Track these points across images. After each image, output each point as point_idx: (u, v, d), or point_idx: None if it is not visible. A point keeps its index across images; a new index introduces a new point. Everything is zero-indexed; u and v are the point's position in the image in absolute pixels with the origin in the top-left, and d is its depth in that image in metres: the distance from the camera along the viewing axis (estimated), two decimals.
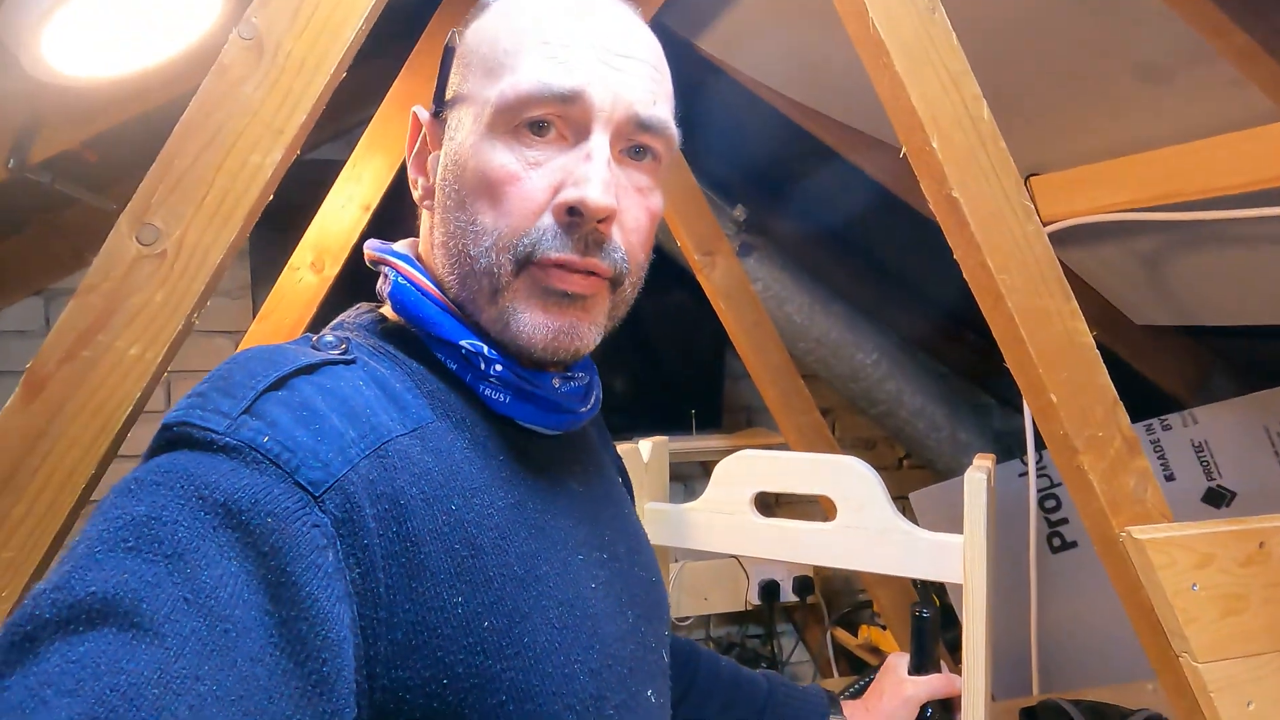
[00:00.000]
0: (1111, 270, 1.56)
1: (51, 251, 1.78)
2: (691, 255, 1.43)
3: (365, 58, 0.60)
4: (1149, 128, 1.15)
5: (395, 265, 0.56)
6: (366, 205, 1.28)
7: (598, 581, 0.55)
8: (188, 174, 0.54)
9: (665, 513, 1.13)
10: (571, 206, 0.50)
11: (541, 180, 0.51)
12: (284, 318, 1.23)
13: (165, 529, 0.37)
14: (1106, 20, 0.98)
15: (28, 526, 0.54)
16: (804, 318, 1.87)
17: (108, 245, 0.54)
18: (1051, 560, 1.77)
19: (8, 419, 0.53)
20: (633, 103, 0.52)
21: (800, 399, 1.50)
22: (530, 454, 0.55)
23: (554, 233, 0.51)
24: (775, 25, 1.29)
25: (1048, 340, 0.71)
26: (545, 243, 0.51)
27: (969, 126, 0.69)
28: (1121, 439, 0.73)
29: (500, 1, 0.56)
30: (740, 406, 2.35)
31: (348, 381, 0.48)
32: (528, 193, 0.51)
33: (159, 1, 0.96)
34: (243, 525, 0.39)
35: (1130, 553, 0.72)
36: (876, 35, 0.67)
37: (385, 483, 0.44)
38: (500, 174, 0.51)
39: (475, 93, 0.53)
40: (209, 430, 0.41)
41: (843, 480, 1.00)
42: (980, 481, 0.89)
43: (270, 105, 0.56)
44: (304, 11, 0.56)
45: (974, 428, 2.09)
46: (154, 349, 0.55)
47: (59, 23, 0.86)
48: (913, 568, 0.95)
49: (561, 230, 0.51)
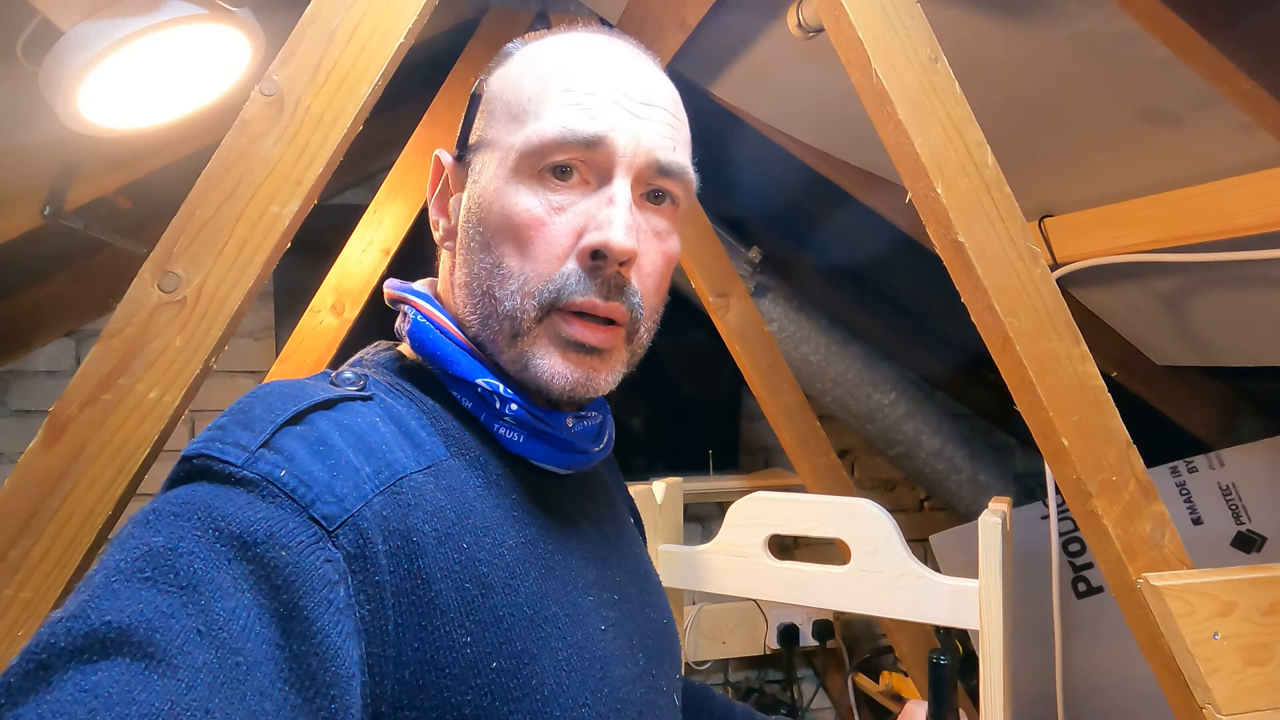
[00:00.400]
0: (1131, 311, 1.55)
1: (83, 294, 1.83)
2: (706, 297, 1.44)
3: (387, 107, 0.63)
4: (1160, 171, 1.15)
5: (415, 304, 0.57)
6: (386, 249, 1.31)
7: (608, 623, 0.55)
8: (209, 224, 0.56)
9: (679, 555, 1.13)
10: (595, 250, 0.52)
11: (565, 225, 0.52)
12: (304, 359, 1.25)
13: (181, 560, 0.38)
14: (1115, 67, 0.99)
15: (45, 567, 0.55)
16: (820, 358, 1.87)
17: (131, 292, 0.56)
18: (1077, 606, 1.73)
19: (30, 461, 0.54)
20: (653, 149, 0.53)
21: (816, 440, 1.49)
22: (542, 493, 0.56)
23: (578, 277, 0.52)
24: (785, 72, 1.31)
25: (1058, 383, 0.71)
26: (570, 288, 0.52)
27: (973, 172, 0.70)
28: (1136, 483, 0.72)
29: (524, 49, 0.58)
30: (758, 447, 2.34)
31: (364, 418, 0.49)
32: (552, 238, 0.52)
33: (190, 57, 1.00)
34: (257, 558, 0.39)
35: (1148, 600, 0.70)
36: (879, 85, 0.68)
37: (398, 519, 0.45)
38: (525, 218, 0.52)
39: (499, 138, 0.55)
40: (227, 463, 0.42)
41: (856, 523, 0.99)
42: (995, 525, 0.88)
43: (289, 158, 0.58)
44: (323, 69, 0.59)
45: (995, 469, 2.06)
46: (172, 392, 0.56)
47: (96, 77, 0.90)
48: (928, 613, 0.94)
49: (585, 274, 0.52)
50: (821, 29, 1.02)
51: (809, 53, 1.18)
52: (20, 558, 0.54)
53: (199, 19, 0.91)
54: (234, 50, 1.03)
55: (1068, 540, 1.74)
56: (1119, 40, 0.92)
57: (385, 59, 0.60)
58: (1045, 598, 1.49)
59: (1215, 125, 0.99)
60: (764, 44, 1.26)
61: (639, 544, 0.71)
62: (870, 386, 1.90)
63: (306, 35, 0.59)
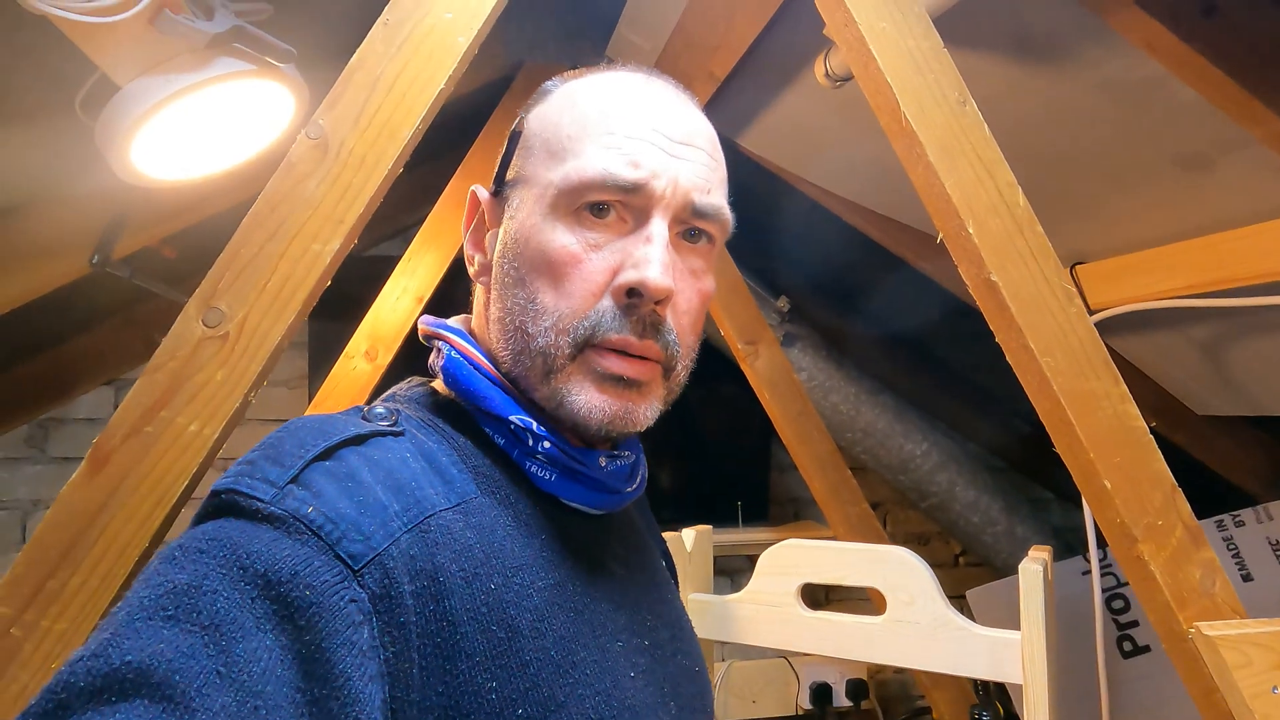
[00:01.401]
0: (1169, 359, 1.53)
1: (124, 343, 1.88)
2: (735, 344, 1.45)
3: (421, 161, 0.64)
4: (1192, 216, 1.15)
5: (449, 340, 0.57)
6: (420, 297, 1.34)
7: (637, 670, 0.54)
8: (253, 261, 0.58)
9: (709, 604, 1.11)
10: (631, 288, 0.51)
11: (601, 262, 0.52)
12: (338, 404, 1.27)
13: (205, 598, 0.38)
14: (1144, 112, 0.99)
15: (81, 599, 0.55)
16: (850, 407, 1.85)
17: (176, 327, 0.57)
18: (1123, 666, 1.67)
19: (72, 492, 0.55)
20: (690, 190, 0.54)
21: (848, 490, 1.47)
22: (572, 534, 0.55)
23: (613, 314, 0.52)
24: (811, 122, 1.34)
25: (1098, 424, 0.70)
26: (604, 325, 0.52)
27: (1004, 212, 0.70)
28: (1183, 528, 0.70)
29: (564, 87, 0.58)
30: (788, 498, 2.31)
31: (395, 454, 0.48)
32: (588, 274, 0.52)
33: (237, 111, 1.04)
34: (281, 597, 0.39)
35: (1201, 651, 0.68)
36: (909, 127, 0.69)
37: (425, 558, 0.44)
38: (562, 254, 0.52)
39: (537, 174, 0.55)
40: (255, 498, 0.42)
41: (892, 572, 0.97)
42: (1037, 574, 0.86)
43: (332, 198, 0.60)
44: (366, 114, 0.61)
45: (1033, 522, 2.01)
46: (211, 425, 0.57)
47: (148, 130, 0.94)
48: (968, 666, 0.91)
49: (620, 312, 0.52)
50: (848, 78, 1.04)
51: (836, 103, 1.20)
52: (57, 589, 0.55)
53: (247, 74, 0.95)
54: (278, 105, 1.07)
55: (1111, 596, 1.69)
56: (1145, 85, 0.93)
57: (425, 105, 0.63)
58: (1089, 657, 1.43)
59: (1247, 167, 0.98)
60: (791, 95, 1.29)
61: (671, 588, 0.70)
62: (901, 437, 1.88)
63: (351, 82, 0.61)
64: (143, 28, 0.82)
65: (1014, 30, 0.96)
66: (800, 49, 1.17)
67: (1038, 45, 0.96)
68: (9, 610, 0.54)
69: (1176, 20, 0.79)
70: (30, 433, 1.95)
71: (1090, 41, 0.91)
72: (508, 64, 1.46)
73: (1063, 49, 0.95)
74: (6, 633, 0.54)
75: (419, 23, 0.63)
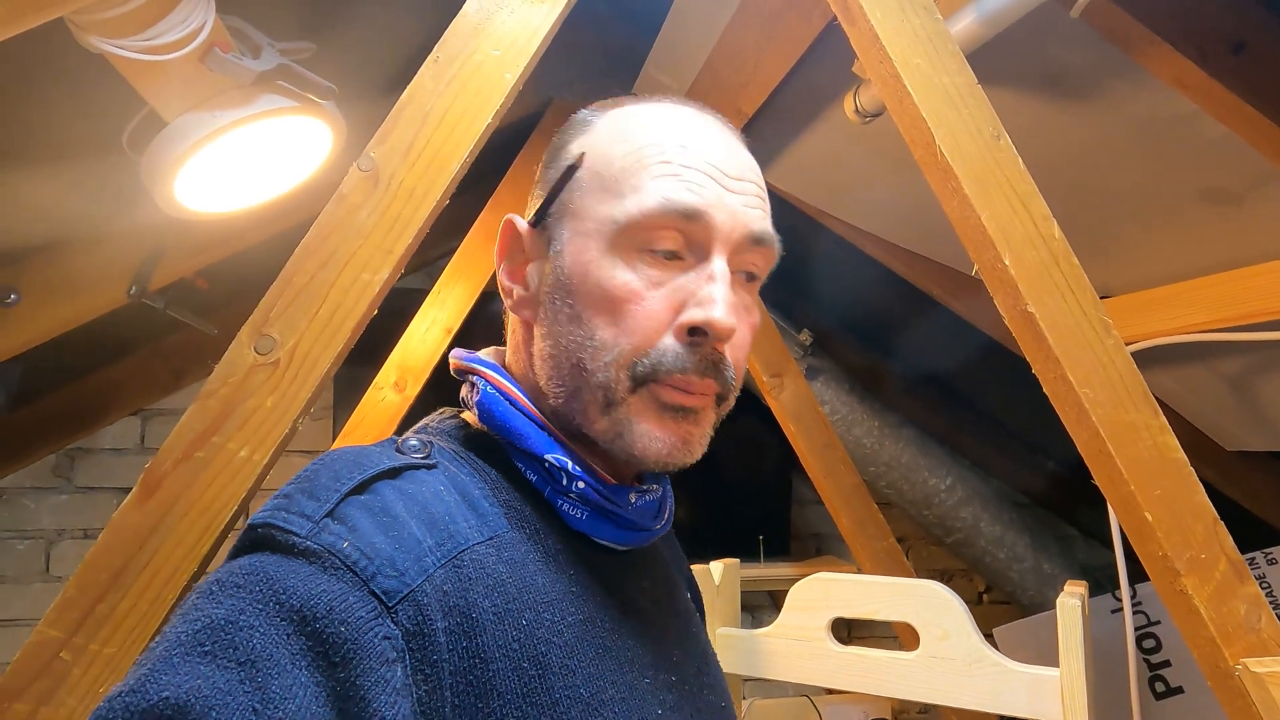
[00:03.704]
0: (1197, 394, 1.52)
1: (153, 374, 1.90)
2: (760, 377, 1.45)
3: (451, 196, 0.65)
4: (1219, 251, 1.15)
5: (485, 375, 0.57)
6: (449, 329, 1.35)
7: (665, 706, 0.53)
8: (305, 290, 0.59)
9: (737, 638, 1.10)
10: (696, 327, 0.51)
11: (663, 300, 0.52)
12: (366, 434, 1.27)
13: (242, 634, 0.38)
14: (1170, 147, 1.00)
15: (130, 623, 0.56)
16: (873, 441, 1.85)
17: (229, 354, 0.58)
18: (1156, 709, 1.63)
19: (124, 516, 0.56)
20: (749, 223, 0.54)
21: (875, 524, 1.46)
22: (601, 569, 0.55)
23: (675, 353, 0.51)
24: (839, 158, 1.35)
25: (1137, 455, 0.69)
26: (666, 362, 0.51)
27: (1040, 244, 0.70)
28: (1227, 561, 0.69)
29: (606, 117, 0.58)
30: (809, 534, 2.29)
31: (429, 487, 0.49)
32: (651, 311, 0.52)
33: (277, 147, 1.07)
34: (316, 633, 0.39)
35: (1249, 688, 0.66)
36: (944, 161, 0.70)
37: (459, 594, 0.45)
38: (622, 291, 0.52)
39: (589, 208, 0.54)
40: (291, 533, 0.42)
41: (925, 606, 0.96)
42: (1075, 608, 0.85)
43: (381, 228, 0.61)
44: (416, 147, 0.62)
45: (1060, 559, 1.98)
46: (261, 451, 0.58)
47: (192, 164, 0.96)
48: (1004, 704, 0.89)
49: (683, 350, 0.52)
50: (878, 114, 1.06)
51: (862, 139, 1.21)
52: (107, 613, 0.55)
53: (289, 111, 0.98)
54: (316, 139, 1.09)
55: (1142, 635, 1.65)
56: (1174, 121, 0.94)
57: (473, 139, 0.64)
58: (1120, 697, 1.40)
59: (1275, 202, 0.99)
60: (817, 131, 1.31)
61: (697, 622, 0.69)
62: (926, 471, 1.87)
63: (402, 117, 0.63)
64: (194, 66, 0.85)
65: (1043, 67, 0.97)
66: (828, 86, 1.19)
67: (1067, 82, 0.97)
68: (59, 634, 0.55)
69: (1205, 58, 0.80)
70: (57, 462, 1.97)
71: (1119, 78, 0.92)
72: (536, 101, 1.49)
73: (1092, 85, 0.96)
74: (56, 656, 0.54)
75: (467, 60, 0.64)
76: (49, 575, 1.95)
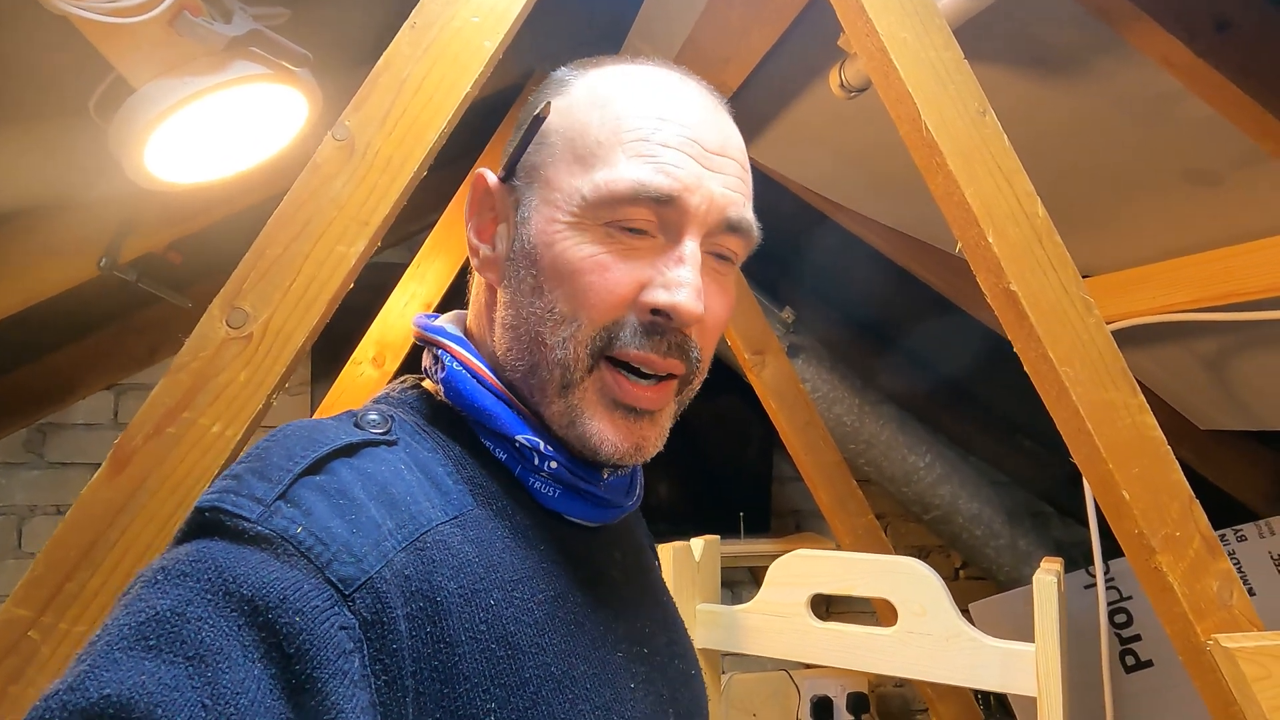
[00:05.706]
0: (1173, 374, 1.53)
1: (126, 348, 1.87)
2: (742, 354, 1.45)
3: (429, 170, 0.63)
4: (1201, 230, 1.15)
5: (449, 349, 0.54)
6: (428, 303, 1.33)
7: (637, 680, 0.53)
8: (278, 262, 0.58)
9: (717, 614, 1.10)
10: (660, 309, 0.50)
11: (628, 274, 0.50)
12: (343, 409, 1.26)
13: (189, 626, 0.36)
14: (1154, 126, 1.00)
15: (100, 601, 0.55)
16: (854, 419, 1.85)
17: (200, 328, 0.57)
18: (1126, 681, 1.66)
19: (94, 492, 0.55)
20: (725, 206, 0.52)
21: (855, 501, 1.47)
22: (571, 544, 0.53)
23: (634, 329, 0.50)
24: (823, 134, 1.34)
25: (1116, 434, 0.70)
26: (625, 338, 0.50)
27: (1024, 222, 0.70)
28: (1201, 539, 0.70)
29: (584, 79, 0.55)
30: (789, 510, 2.31)
31: (389, 465, 0.46)
32: (613, 285, 0.50)
33: (249, 115, 1.04)
34: (269, 624, 0.37)
35: (1220, 663, 0.67)
36: (929, 137, 0.69)
37: (421, 579, 0.43)
38: (586, 264, 0.50)
39: (559, 178, 0.52)
40: (240, 518, 0.40)
41: (903, 582, 0.97)
42: (1051, 585, 0.86)
43: (357, 199, 0.60)
44: (393, 115, 0.61)
45: (1035, 536, 2.01)
46: (234, 427, 0.57)
47: (161, 133, 0.94)
48: (980, 678, 0.90)
49: (643, 328, 0.50)
50: (864, 89, 1.05)
51: (847, 114, 1.20)
52: (76, 590, 0.54)
53: (262, 78, 0.95)
54: (291, 109, 1.07)
55: (1114, 610, 1.68)
56: (1159, 100, 0.94)
57: (452, 108, 0.63)
58: (1092, 671, 1.43)
59: (1258, 183, 0.99)
60: (803, 106, 1.29)
61: (665, 591, 0.68)
62: (905, 448, 1.88)
63: (378, 84, 0.61)
64: (162, 30, 0.82)
65: (1029, 44, 0.97)
66: (812, 61, 1.18)
67: (1053, 59, 0.97)
68: (27, 612, 0.54)
69: (1192, 35, 0.80)
70: (28, 437, 1.94)
71: (1105, 55, 0.92)
72: (517, 71, 1.46)
73: (1078, 62, 0.96)
74: (24, 635, 0.53)
75: (445, 26, 0.63)
76: (21, 552, 1.93)
